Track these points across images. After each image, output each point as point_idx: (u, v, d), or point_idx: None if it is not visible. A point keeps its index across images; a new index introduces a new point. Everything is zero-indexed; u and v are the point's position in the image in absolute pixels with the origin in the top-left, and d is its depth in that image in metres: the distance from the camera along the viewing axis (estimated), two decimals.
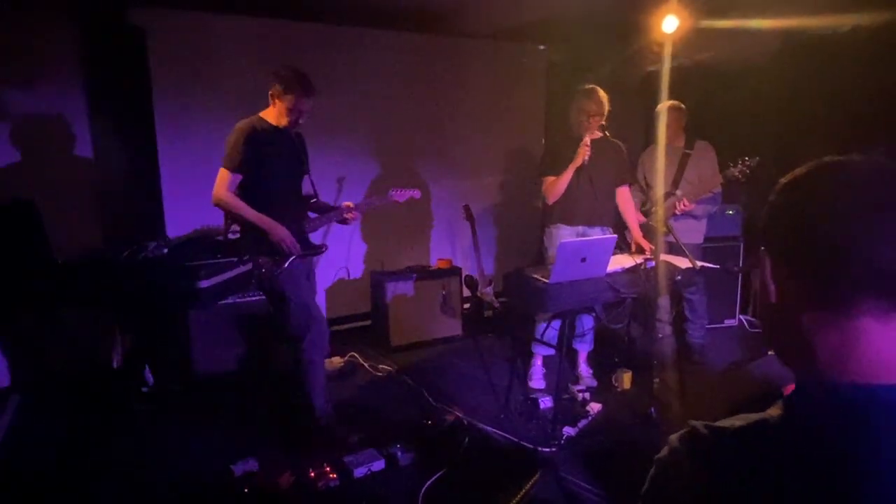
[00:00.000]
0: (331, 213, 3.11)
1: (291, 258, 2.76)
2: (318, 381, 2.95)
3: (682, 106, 3.76)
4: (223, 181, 2.72)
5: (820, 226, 0.67)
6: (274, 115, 2.80)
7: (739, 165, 3.48)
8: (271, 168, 2.80)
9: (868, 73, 3.38)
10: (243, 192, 2.76)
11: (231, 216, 2.77)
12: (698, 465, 0.67)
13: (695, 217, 3.79)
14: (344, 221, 3.13)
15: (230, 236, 2.63)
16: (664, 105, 3.72)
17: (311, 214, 3.11)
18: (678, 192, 3.73)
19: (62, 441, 2.85)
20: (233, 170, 2.72)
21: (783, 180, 0.74)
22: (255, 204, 2.75)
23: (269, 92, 2.78)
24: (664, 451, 0.71)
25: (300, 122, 2.84)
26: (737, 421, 0.68)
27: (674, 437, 0.71)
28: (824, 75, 3.59)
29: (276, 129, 2.81)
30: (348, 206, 3.10)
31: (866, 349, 0.66)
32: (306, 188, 3.10)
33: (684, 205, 3.60)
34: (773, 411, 0.67)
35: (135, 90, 3.75)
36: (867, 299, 0.66)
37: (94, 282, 2.08)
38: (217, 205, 2.75)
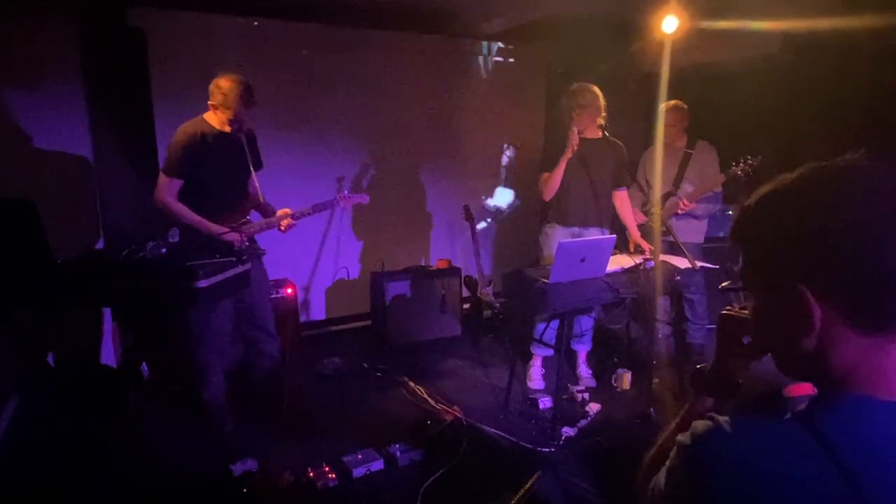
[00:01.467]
0: (271, 218, 3.02)
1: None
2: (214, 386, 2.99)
3: (684, 106, 3.77)
4: (164, 186, 2.75)
5: (868, 246, 0.61)
6: (217, 119, 2.81)
7: (742, 164, 3.48)
8: (212, 173, 2.80)
9: (867, 75, 3.38)
10: (185, 196, 2.78)
11: (169, 220, 2.75)
12: (723, 459, 0.64)
13: (696, 217, 3.79)
14: (280, 229, 3.03)
15: (170, 240, 2.63)
16: (666, 104, 3.73)
17: (256, 217, 3.08)
18: (679, 192, 3.74)
19: (61, 441, 2.84)
20: (171, 175, 2.74)
21: (793, 193, 0.67)
22: (197, 208, 2.76)
23: (209, 101, 2.77)
24: (687, 438, 0.69)
25: (242, 129, 2.82)
26: (757, 421, 0.66)
27: (699, 426, 0.68)
28: (824, 76, 3.59)
29: (219, 134, 2.80)
30: (284, 214, 3.00)
31: None
32: (256, 189, 3.05)
33: (685, 204, 3.60)
34: (796, 416, 0.65)
35: (134, 90, 3.75)
36: None
37: (93, 281, 2.08)
38: (159, 209, 2.78)
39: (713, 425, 0.66)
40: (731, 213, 4.51)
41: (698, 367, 1.02)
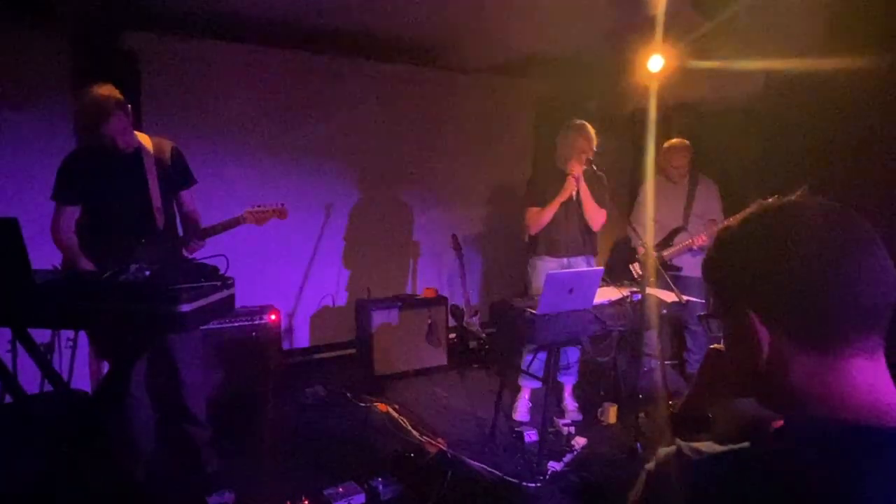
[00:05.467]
0: (169, 240, 2.66)
1: None
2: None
3: (688, 143, 3.86)
4: (55, 214, 2.55)
5: (801, 274, 0.69)
6: None
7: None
8: (98, 195, 2.55)
9: (847, 115, 3.48)
10: (79, 224, 2.57)
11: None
12: (681, 484, 0.69)
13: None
14: (190, 250, 2.68)
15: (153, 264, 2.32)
16: (672, 144, 3.80)
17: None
18: (689, 228, 3.81)
19: (34, 469, 2.74)
20: (53, 199, 2.54)
21: (739, 230, 0.76)
22: (91, 236, 2.57)
23: None
24: (652, 464, 0.74)
25: (120, 143, 2.49)
26: (718, 447, 0.70)
27: (661, 452, 0.74)
28: (805, 114, 3.69)
29: (107, 153, 2.49)
30: (190, 236, 2.67)
31: (858, 388, 0.68)
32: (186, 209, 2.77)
33: (702, 240, 3.66)
34: (751, 443, 0.69)
35: None
36: (855, 338, 0.68)
37: (73, 302, 2.03)
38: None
39: (675, 450, 0.72)
40: None
41: (672, 410, 1.03)
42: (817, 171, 3.60)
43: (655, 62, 3.71)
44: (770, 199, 0.76)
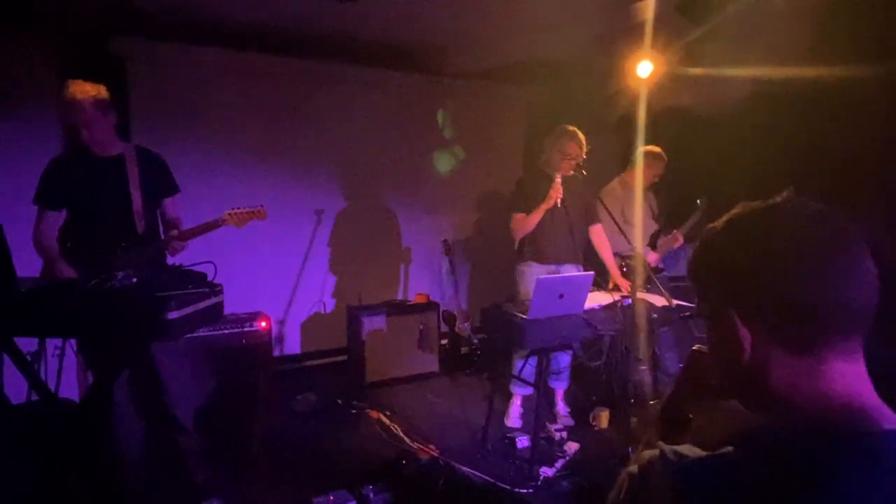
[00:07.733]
0: (150, 245, 2.66)
1: None
2: None
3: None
4: (37, 218, 2.53)
5: (782, 274, 0.68)
6: None
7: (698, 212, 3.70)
8: (79, 199, 2.56)
9: (833, 122, 3.51)
10: (62, 230, 2.56)
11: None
12: (663, 487, 0.69)
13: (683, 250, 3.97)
14: (172, 252, 2.70)
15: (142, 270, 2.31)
16: (659, 151, 3.81)
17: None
18: (675, 231, 3.90)
19: (20, 479, 2.70)
20: (35, 203, 2.53)
21: (723, 231, 0.76)
22: (72, 242, 2.56)
23: None
24: (634, 467, 0.74)
25: (89, 137, 2.49)
26: (699, 451, 0.70)
27: (644, 455, 0.73)
28: (792, 122, 3.72)
29: (90, 158, 2.53)
30: (170, 236, 2.68)
31: (838, 391, 0.68)
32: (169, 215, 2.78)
33: (680, 240, 3.76)
34: (734, 447, 0.69)
35: None
36: (836, 340, 0.68)
37: (59, 310, 2.00)
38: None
39: (658, 453, 0.71)
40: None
41: (651, 403, 1.05)
42: (804, 176, 3.63)
43: (644, 68, 3.74)
44: (754, 201, 0.76)
